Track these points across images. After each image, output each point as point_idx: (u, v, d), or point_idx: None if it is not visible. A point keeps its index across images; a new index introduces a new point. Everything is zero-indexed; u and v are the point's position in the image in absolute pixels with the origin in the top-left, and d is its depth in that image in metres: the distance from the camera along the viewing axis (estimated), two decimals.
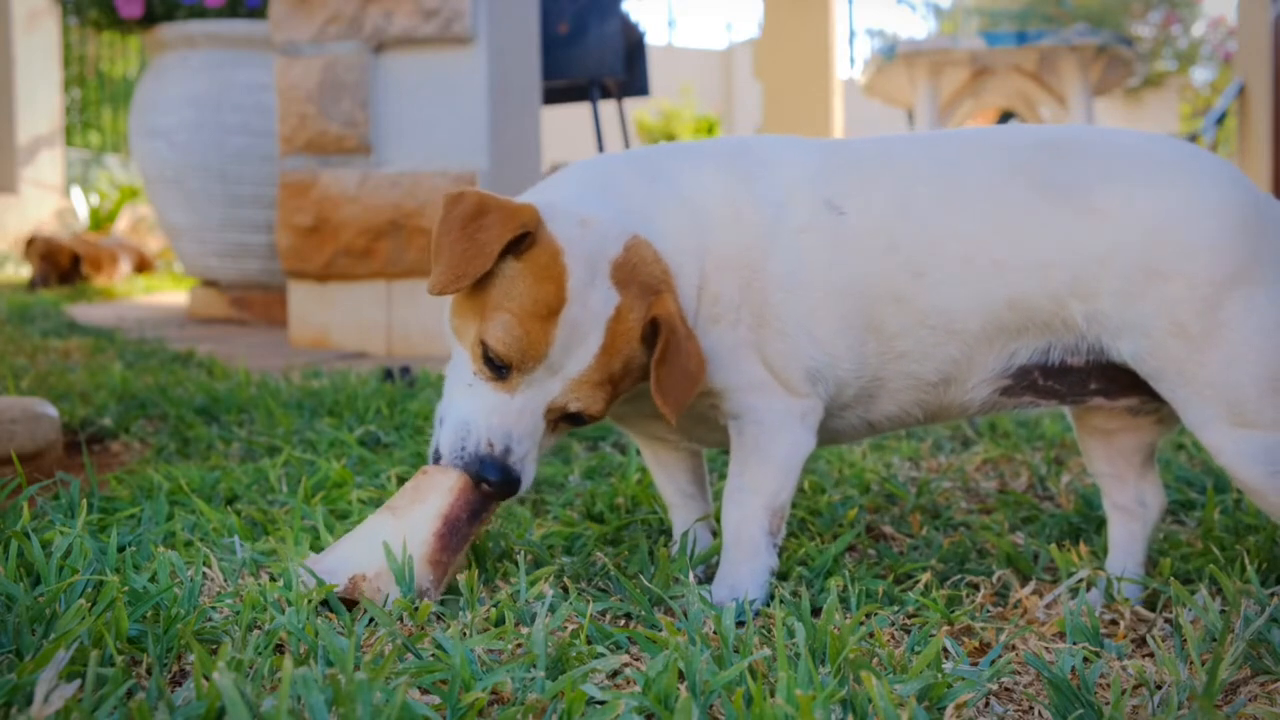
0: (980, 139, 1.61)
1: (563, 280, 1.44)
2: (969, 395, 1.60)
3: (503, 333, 1.44)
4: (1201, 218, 1.45)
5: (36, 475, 2.14)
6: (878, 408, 1.64)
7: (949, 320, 1.53)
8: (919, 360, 1.57)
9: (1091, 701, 1.16)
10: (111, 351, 4.19)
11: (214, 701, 1.03)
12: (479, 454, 1.46)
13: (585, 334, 1.45)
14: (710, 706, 1.16)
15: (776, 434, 1.58)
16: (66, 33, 12.20)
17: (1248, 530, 1.86)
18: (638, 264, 1.49)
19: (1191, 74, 14.52)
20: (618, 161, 1.66)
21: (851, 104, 14.01)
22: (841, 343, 1.56)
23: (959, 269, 1.52)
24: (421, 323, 4.64)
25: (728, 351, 1.57)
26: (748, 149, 1.65)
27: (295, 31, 4.62)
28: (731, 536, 1.59)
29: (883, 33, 18.63)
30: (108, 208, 11.04)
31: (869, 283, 1.54)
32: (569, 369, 1.46)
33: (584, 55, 5.89)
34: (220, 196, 5.56)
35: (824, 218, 1.56)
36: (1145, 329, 1.46)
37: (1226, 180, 1.48)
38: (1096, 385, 1.56)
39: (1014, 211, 1.51)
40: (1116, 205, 1.47)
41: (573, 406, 1.49)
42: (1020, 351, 1.55)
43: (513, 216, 1.45)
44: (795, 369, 1.57)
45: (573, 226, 1.48)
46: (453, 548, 1.47)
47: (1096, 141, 1.55)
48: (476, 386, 1.48)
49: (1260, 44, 7.89)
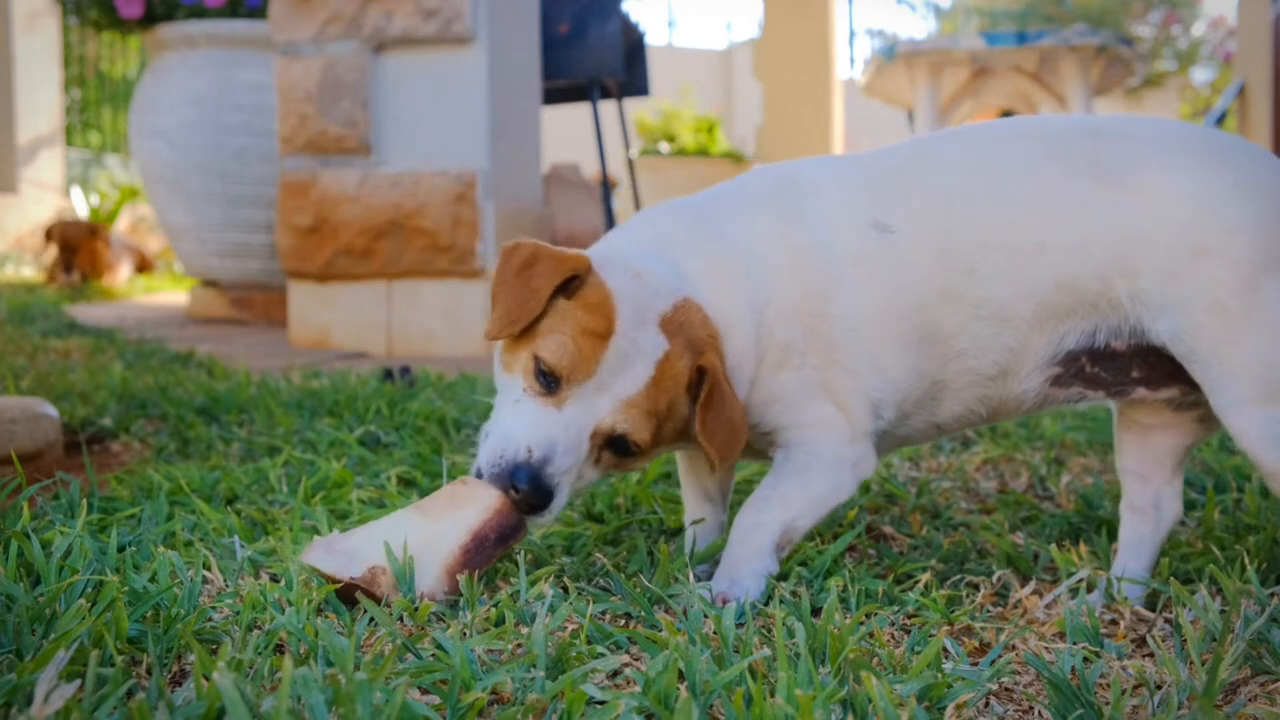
0: (1013, 128, 1.64)
1: (612, 317, 1.50)
2: (1024, 385, 1.62)
3: (556, 345, 1.48)
4: (1245, 199, 1.48)
5: (36, 475, 2.14)
6: (943, 409, 1.67)
7: (1001, 309, 1.57)
8: (977, 355, 1.60)
9: (1091, 701, 1.16)
10: (111, 351, 4.19)
11: (214, 701, 1.03)
12: (515, 460, 1.47)
13: (634, 362, 1.50)
14: (710, 706, 1.16)
15: (825, 470, 1.62)
16: (66, 33, 12.19)
17: (1248, 530, 1.86)
18: (685, 322, 1.54)
19: (1191, 74, 14.51)
20: (670, 217, 1.69)
21: (851, 104, 14.01)
22: (905, 364, 1.60)
23: (1007, 258, 1.55)
24: (421, 323, 4.65)
25: (795, 391, 1.62)
26: (790, 183, 1.67)
27: (295, 31, 4.61)
28: (740, 535, 1.60)
29: (883, 33, 18.61)
30: (108, 208, 11.04)
31: (924, 291, 1.58)
32: (617, 390, 1.50)
33: (584, 55, 5.89)
34: (220, 196, 5.55)
35: (874, 243, 1.59)
36: (1185, 307, 1.48)
37: (1269, 166, 1.52)
38: (1139, 373, 1.59)
39: (1053, 194, 1.54)
40: (1161, 183, 1.50)
41: (620, 428, 1.51)
42: (1069, 335, 1.57)
43: (563, 261, 1.51)
44: (861, 403, 1.61)
45: (625, 277, 1.54)
46: (474, 564, 1.47)
47: (1137, 126, 1.59)
48: (524, 403, 1.51)
49: (1260, 44, 7.89)
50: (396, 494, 2.03)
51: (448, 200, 4.53)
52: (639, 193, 7.42)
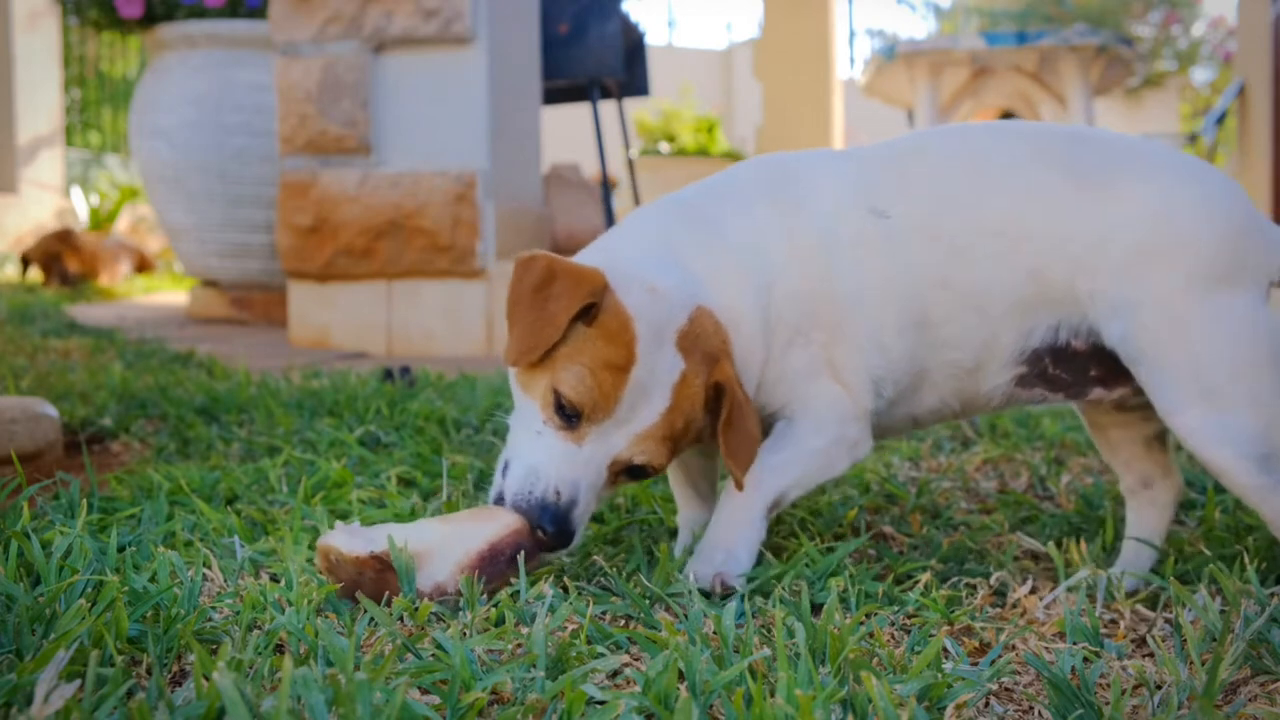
0: (1003, 127, 1.72)
1: (632, 345, 1.50)
2: (993, 382, 1.67)
3: (576, 381, 1.48)
4: (1204, 214, 1.56)
5: (36, 475, 2.14)
6: (921, 400, 1.71)
7: (984, 298, 1.61)
8: (958, 346, 1.65)
9: (1091, 701, 1.16)
10: (111, 351, 4.19)
11: (214, 701, 1.03)
12: (544, 501, 1.49)
13: (651, 393, 1.51)
14: (710, 706, 1.16)
15: (825, 444, 1.66)
16: (66, 33, 12.19)
17: (1248, 530, 1.86)
18: (700, 334, 1.55)
19: (1191, 74, 14.50)
20: (670, 216, 1.69)
21: (851, 104, 14.01)
22: (903, 345, 1.64)
23: (992, 243, 1.60)
24: (421, 323, 4.65)
25: (803, 369, 1.65)
26: (787, 174, 1.70)
27: (295, 31, 4.61)
28: (735, 502, 1.63)
29: (883, 33, 18.60)
30: (108, 208, 11.04)
31: (919, 275, 1.62)
32: (634, 424, 1.51)
33: (584, 55, 5.89)
34: (220, 196, 5.55)
35: (872, 227, 1.63)
36: (1135, 308, 1.54)
37: (1232, 192, 1.60)
38: (1096, 373, 1.64)
39: (1041, 188, 1.60)
40: (1131, 190, 1.57)
41: (638, 459, 1.53)
42: (1035, 331, 1.62)
43: (580, 284, 1.49)
44: (863, 379, 1.65)
45: (641, 294, 1.53)
46: (485, 573, 1.47)
47: (1117, 139, 1.67)
48: (545, 435, 1.52)
49: (1260, 44, 7.89)
50: (396, 494, 2.03)
51: (448, 200, 4.53)
52: (639, 193, 7.42)
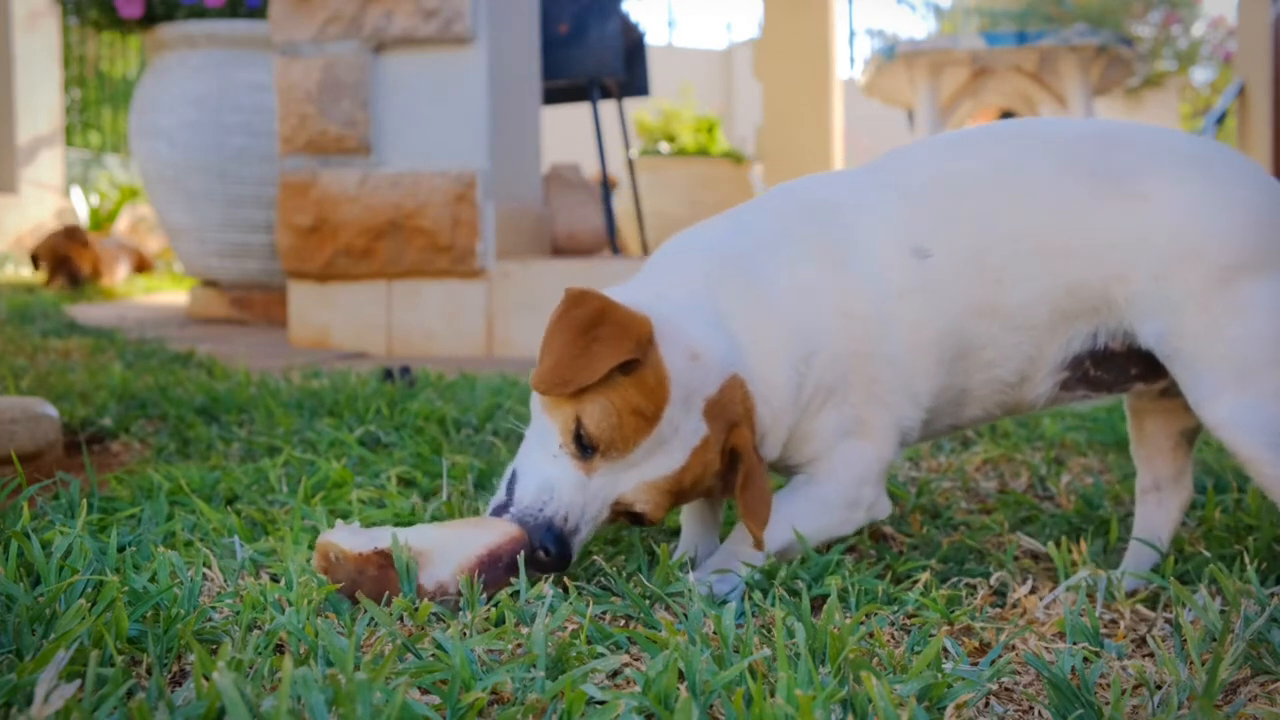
0: (1030, 133, 1.72)
1: (663, 404, 1.51)
2: (1038, 390, 1.68)
3: (601, 416, 1.49)
4: (1232, 207, 1.56)
5: (36, 475, 2.14)
6: (965, 413, 1.73)
7: (1027, 317, 1.62)
8: (1002, 364, 1.66)
9: (1091, 701, 1.16)
10: (111, 351, 4.19)
11: (214, 701, 1.03)
12: (551, 521, 1.50)
13: (670, 448, 1.52)
14: (710, 706, 1.16)
15: (842, 504, 1.67)
16: (66, 33, 12.19)
17: (1248, 530, 1.86)
18: (728, 404, 1.56)
19: (1191, 74, 14.49)
20: (716, 268, 1.65)
21: (851, 104, 14.00)
22: (934, 384, 1.65)
23: (1033, 264, 1.61)
24: (421, 323, 4.65)
25: (832, 429, 1.65)
26: (830, 216, 1.67)
27: (295, 31, 4.61)
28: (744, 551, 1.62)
29: (883, 33, 18.59)
30: (108, 208, 11.04)
31: (961, 310, 1.62)
32: (645, 471, 1.52)
33: (584, 55, 5.88)
34: (220, 196, 5.55)
35: (916, 272, 1.62)
36: (1171, 308, 1.56)
37: (1255, 177, 1.60)
38: (1136, 370, 1.67)
39: (1076, 203, 1.60)
40: (1160, 191, 1.58)
41: (639, 507, 1.54)
42: (1075, 339, 1.64)
43: (627, 335, 1.49)
44: (891, 435, 1.67)
45: (683, 360, 1.53)
46: (483, 578, 1.47)
47: (1142, 135, 1.66)
48: (561, 460, 1.53)
49: (1260, 44, 7.88)
50: (396, 494, 2.03)
51: (447, 200, 4.53)
52: (639, 193, 7.42)
